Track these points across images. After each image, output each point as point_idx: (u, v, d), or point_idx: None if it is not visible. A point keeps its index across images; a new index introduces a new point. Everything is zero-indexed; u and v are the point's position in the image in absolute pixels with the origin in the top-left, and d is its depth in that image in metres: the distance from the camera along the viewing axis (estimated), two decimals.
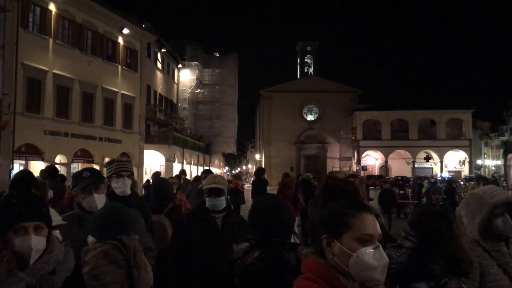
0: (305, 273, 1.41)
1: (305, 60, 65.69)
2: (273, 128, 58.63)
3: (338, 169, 52.94)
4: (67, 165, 22.63)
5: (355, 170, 50.78)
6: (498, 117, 72.66)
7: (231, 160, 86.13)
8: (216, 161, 50.73)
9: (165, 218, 3.62)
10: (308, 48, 65.68)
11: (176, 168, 30.90)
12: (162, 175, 10.94)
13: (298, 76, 64.87)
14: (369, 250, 1.36)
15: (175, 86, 42.92)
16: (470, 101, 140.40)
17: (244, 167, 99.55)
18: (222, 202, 3.06)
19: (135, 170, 21.93)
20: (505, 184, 41.00)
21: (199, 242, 2.88)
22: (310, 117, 59.76)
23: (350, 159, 56.59)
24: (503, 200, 2.19)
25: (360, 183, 1.78)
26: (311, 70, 64.86)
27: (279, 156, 56.48)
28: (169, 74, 40.05)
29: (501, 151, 54.05)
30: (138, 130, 28.78)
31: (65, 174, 14.32)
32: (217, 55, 50.50)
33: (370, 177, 42.55)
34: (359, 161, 54.49)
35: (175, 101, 42.31)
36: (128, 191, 3.43)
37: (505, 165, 49.19)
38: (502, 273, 2.13)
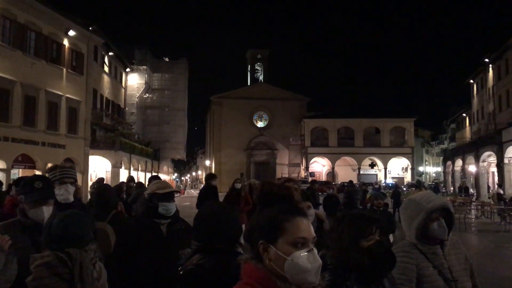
0: (244, 278, 1.44)
1: (256, 68, 66.19)
2: (224, 134, 58.65)
3: (287, 175, 53.56)
4: (6, 171, 21.54)
5: (303, 176, 51.66)
6: (438, 126, 76.43)
7: (180, 166, 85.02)
8: (165, 167, 49.92)
9: (108, 225, 3.57)
10: (259, 56, 66.23)
11: (123, 175, 30.15)
12: (108, 182, 10.65)
13: (249, 83, 65.27)
14: (303, 253, 1.39)
15: (123, 90, 41.97)
16: (412, 111, 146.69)
17: (194, 173, 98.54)
18: (174, 207, 3.08)
19: (79, 176, 21.23)
20: (444, 190, 43.13)
21: (143, 249, 2.84)
22: (260, 124, 60.29)
23: (298, 165, 57.54)
24: (438, 205, 2.33)
25: (296, 189, 1.83)
26: (261, 78, 65.44)
27: (229, 162, 56.53)
28: (116, 78, 39.12)
29: (441, 158, 56.89)
30: (83, 135, 27.83)
31: (3, 181, 13.63)
32: (167, 59, 49.87)
33: (314, 182, 43.24)
34: (307, 168, 55.48)
35: (122, 106, 41.34)
36: (71, 199, 3.35)
37: (444, 171, 51.74)
38: (437, 274, 2.26)
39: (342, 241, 1.92)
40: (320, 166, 58.71)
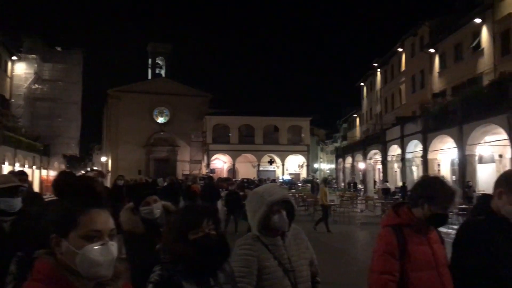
0: (33, 275, 1.39)
1: (157, 62, 64.60)
2: (121, 130, 56.41)
3: (188, 172, 53.22)
4: None
5: (205, 173, 51.66)
6: (333, 126, 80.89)
7: (74, 162, 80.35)
8: (56, 164, 46.77)
9: None
10: (161, 50, 64.75)
11: (7, 171, 27.70)
12: None
13: (150, 77, 63.55)
14: (96, 246, 1.37)
15: (8, 80, 38.53)
16: (309, 110, 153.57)
17: (89, 170, 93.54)
18: (19, 202, 2.87)
19: None
20: (336, 185, 45.87)
21: None
22: (161, 120, 59.04)
23: (200, 162, 57.38)
24: (279, 198, 2.40)
25: (98, 180, 1.80)
26: (163, 72, 64.08)
27: (127, 159, 54.52)
28: (0, 67, 35.81)
29: (334, 156, 60.40)
30: None
31: None
32: (59, 49, 46.67)
33: (211, 178, 43.57)
34: (208, 164, 55.59)
35: (7, 97, 37.94)
36: None
37: (336, 168, 55.02)
38: (277, 265, 2.34)
39: (171, 234, 1.94)
40: (221, 162, 59.08)
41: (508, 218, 2.48)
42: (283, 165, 57.42)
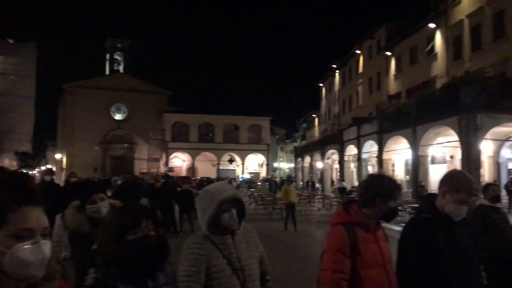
0: None
1: (115, 57, 63.22)
2: (77, 126, 54.84)
3: (146, 170, 52.42)
4: None
5: (163, 172, 50.96)
6: (292, 126, 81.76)
7: (27, 159, 77.52)
8: (7, 160, 44.99)
9: None
10: (119, 45, 63.42)
11: None
12: None
13: (107, 73, 62.06)
14: (26, 245, 1.31)
15: None
16: (269, 110, 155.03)
17: (43, 167, 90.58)
18: None
19: None
20: (295, 184, 46.31)
21: None
22: (118, 116, 57.83)
23: (158, 160, 56.59)
24: (229, 196, 2.39)
25: (31, 176, 1.72)
26: (121, 68, 62.75)
27: (82, 156, 53.02)
28: None
29: (293, 155, 61.04)
30: None
31: None
32: (11, 41, 44.86)
33: (168, 176, 43.08)
34: (167, 163, 54.90)
35: None
36: None
37: (295, 167, 55.61)
38: (226, 264, 2.32)
39: (108, 235, 1.88)
40: (180, 161, 58.50)
41: (450, 216, 2.57)
42: (243, 164, 57.49)
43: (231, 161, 56.05)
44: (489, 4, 24.46)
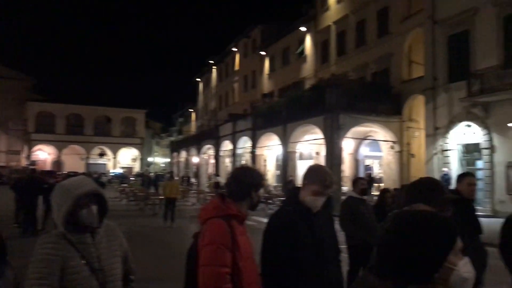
0: None
1: None
2: None
3: (4, 164, 47.67)
4: None
5: (24, 165, 46.67)
6: (169, 119, 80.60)
7: None
8: None
9: None
10: None
11: None
12: None
13: None
14: None
15: None
16: (144, 103, 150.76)
17: None
18: None
19: None
20: (178, 178, 45.77)
21: None
22: None
23: (19, 153, 51.63)
24: (87, 191, 2.24)
25: None
26: None
27: None
28: None
29: (169, 150, 60.20)
30: None
31: None
32: None
33: (34, 170, 39.77)
34: (29, 156, 50.36)
35: None
36: None
37: (171, 162, 54.96)
38: (84, 265, 2.17)
39: None
40: (45, 154, 54.04)
41: (310, 208, 2.77)
42: (115, 158, 55.24)
43: (101, 154, 53.45)
44: (353, 13, 26.78)
